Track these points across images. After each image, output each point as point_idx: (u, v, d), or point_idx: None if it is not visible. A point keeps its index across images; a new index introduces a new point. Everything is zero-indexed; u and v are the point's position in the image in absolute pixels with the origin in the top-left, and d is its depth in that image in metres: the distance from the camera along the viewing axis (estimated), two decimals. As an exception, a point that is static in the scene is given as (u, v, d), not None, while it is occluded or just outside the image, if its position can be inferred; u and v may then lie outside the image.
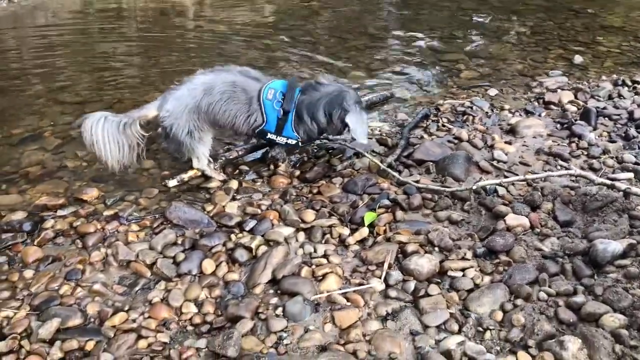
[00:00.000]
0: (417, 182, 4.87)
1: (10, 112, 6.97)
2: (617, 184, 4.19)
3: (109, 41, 10.03)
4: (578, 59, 8.34)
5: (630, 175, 4.78)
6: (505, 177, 4.85)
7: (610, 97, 6.93)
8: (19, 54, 9.61)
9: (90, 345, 3.44)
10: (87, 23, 11.50)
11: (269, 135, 4.94)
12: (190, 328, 3.59)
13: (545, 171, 4.92)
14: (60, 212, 4.89)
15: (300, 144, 5.05)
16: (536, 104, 6.84)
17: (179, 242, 4.40)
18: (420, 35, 9.94)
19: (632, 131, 5.77)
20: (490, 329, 3.34)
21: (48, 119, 6.75)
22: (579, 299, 3.40)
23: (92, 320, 3.68)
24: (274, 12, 12.03)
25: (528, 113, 6.49)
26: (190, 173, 5.37)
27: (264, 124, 4.84)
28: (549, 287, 3.58)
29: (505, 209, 4.34)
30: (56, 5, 12.91)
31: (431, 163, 5.25)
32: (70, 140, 6.25)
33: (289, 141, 4.95)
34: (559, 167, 5.09)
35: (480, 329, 3.36)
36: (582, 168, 4.96)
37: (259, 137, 5.12)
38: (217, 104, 4.77)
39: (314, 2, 12.64)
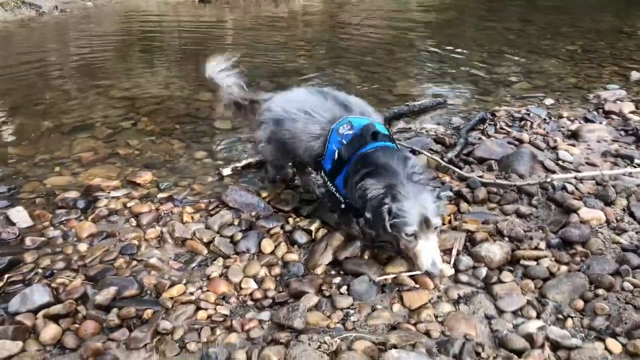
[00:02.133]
0: (481, 177, 4.68)
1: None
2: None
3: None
4: (635, 75, 8.11)
5: None
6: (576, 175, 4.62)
7: (672, 110, 6.68)
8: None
9: (148, 314, 3.32)
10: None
11: (323, 174, 3.90)
12: (250, 302, 3.45)
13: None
14: (113, 193, 4.84)
15: (346, 208, 3.82)
16: (595, 113, 6.62)
17: (236, 223, 4.29)
18: (466, 50, 9.84)
19: None
20: (572, 317, 3.13)
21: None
22: (668, 290, 3.17)
23: (148, 292, 3.57)
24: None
25: (588, 121, 6.27)
26: (244, 162, 5.29)
27: (322, 157, 3.83)
28: (634, 278, 3.34)
29: (577, 203, 4.14)
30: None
31: (493, 161, 5.09)
32: (120, 131, 6.26)
33: (337, 195, 3.82)
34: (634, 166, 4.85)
35: (561, 316, 3.15)
36: (654, 170, 4.71)
37: (318, 170, 4.04)
38: (289, 122, 4.05)
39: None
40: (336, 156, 3.68)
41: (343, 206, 3.79)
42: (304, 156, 4.04)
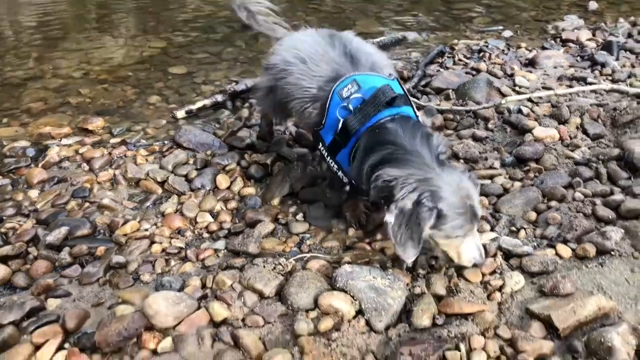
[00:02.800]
0: (438, 105, 4.66)
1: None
2: (653, 90, 3.98)
3: None
4: (593, 5, 8.11)
5: (661, 91, 4.57)
6: (530, 98, 4.62)
7: (630, 35, 6.71)
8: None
9: (101, 251, 3.26)
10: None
11: (321, 147, 3.08)
12: (206, 235, 3.41)
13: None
14: (65, 141, 4.70)
15: (352, 190, 3.19)
16: (553, 42, 6.62)
17: (191, 162, 4.21)
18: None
19: (657, 60, 5.56)
20: (525, 228, 3.16)
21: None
22: (618, 197, 3.21)
23: (101, 231, 3.50)
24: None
25: (546, 50, 6.26)
26: (199, 104, 5.17)
27: (321, 126, 3.05)
28: (585, 188, 3.38)
29: (532, 123, 4.16)
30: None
31: (450, 90, 5.06)
32: (72, 81, 6.06)
33: (339, 172, 3.06)
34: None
35: (514, 228, 3.18)
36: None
37: (314, 139, 3.21)
38: (285, 73, 3.35)
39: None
40: (339, 127, 2.89)
41: (348, 188, 3.11)
42: (301, 122, 3.44)
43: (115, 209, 3.70)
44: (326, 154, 3.03)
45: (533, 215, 3.24)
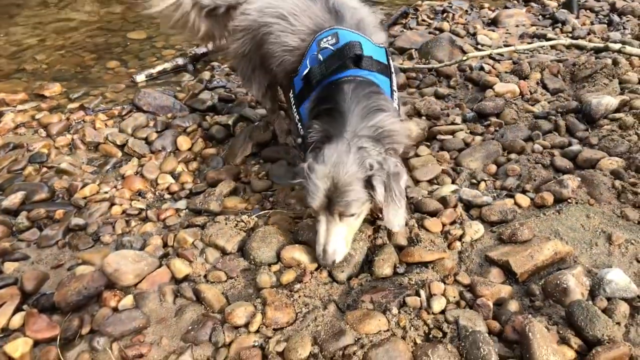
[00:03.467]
0: (401, 64, 4.64)
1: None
2: (610, 44, 4.03)
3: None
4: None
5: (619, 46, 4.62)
6: (492, 55, 4.64)
7: (589, -5, 6.76)
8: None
9: (59, 214, 3.19)
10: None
11: (291, 94, 2.94)
12: (167, 196, 3.37)
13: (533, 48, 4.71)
14: (20, 107, 4.56)
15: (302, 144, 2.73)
16: (516, 1, 6.62)
17: (151, 124, 4.13)
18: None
19: (616, 18, 5.62)
20: (485, 180, 3.19)
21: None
22: (575, 147, 3.27)
23: (60, 195, 3.43)
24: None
25: (508, 9, 6.28)
26: (159, 68, 5.06)
27: (295, 73, 2.92)
28: (544, 140, 3.42)
29: (493, 79, 4.18)
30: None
31: (413, 50, 5.04)
32: (26, 47, 5.85)
33: (299, 124, 2.85)
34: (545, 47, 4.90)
35: (474, 180, 3.21)
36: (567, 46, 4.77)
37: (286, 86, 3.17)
38: (263, 30, 3.15)
39: None
40: (303, 75, 2.80)
41: (300, 141, 2.77)
42: (279, 75, 3.15)
43: (74, 173, 3.62)
44: (292, 103, 2.91)
45: (493, 168, 3.28)
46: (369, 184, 2.34)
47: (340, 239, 2.42)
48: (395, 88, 2.82)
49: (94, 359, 2.24)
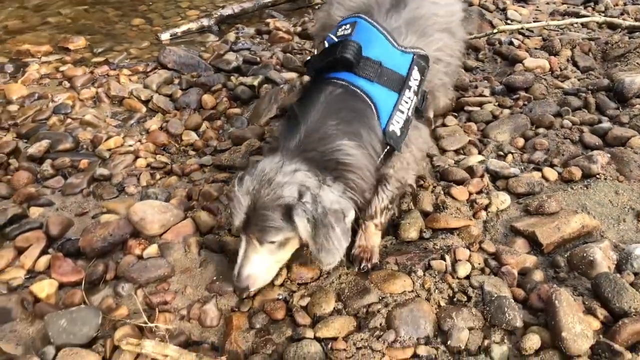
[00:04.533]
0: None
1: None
2: (645, 23, 3.94)
3: None
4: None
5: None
6: (521, 30, 4.56)
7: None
8: None
9: (84, 164, 3.21)
10: None
11: None
12: (192, 152, 3.36)
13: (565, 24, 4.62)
14: (44, 59, 4.56)
15: None
16: (547, -21, 6.47)
17: (176, 82, 4.11)
18: None
19: (650, -1, 5.49)
20: (512, 153, 3.15)
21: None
22: (605, 125, 3.22)
23: (84, 146, 3.43)
24: None
25: (539, -13, 6.14)
26: (184, 27, 5.02)
27: None
28: (573, 117, 3.37)
29: (522, 53, 4.11)
30: None
31: (441, 21, 4.94)
32: (51, 1, 5.82)
33: None
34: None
35: (501, 153, 3.17)
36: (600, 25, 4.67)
37: None
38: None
39: None
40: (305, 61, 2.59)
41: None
42: None
43: (98, 126, 3.62)
44: None
45: (521, 141, 3.24)
46: (289, 213, 1.95)
47: (258, 265, 2.08)
48: (403, 108, 2.24)
49: (118, 303, 2.26)
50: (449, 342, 2.02)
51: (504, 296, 2.13)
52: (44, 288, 2.30)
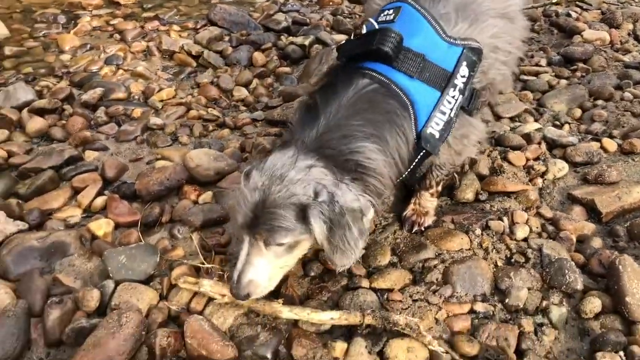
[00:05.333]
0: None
1: None
2: None
3: None
4: None
5: None
6: (579, 3, 4.43)
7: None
8: None
9: (137, 112, 3.23)
10: None
11: None
12: (243, 108, 3.35)
13: None
14: (95, 12, 4.58)
15: None
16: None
17: (226, 39, 4.09)
18: None
19: None
20: (569, 123, 3.08)
21: None
22: (669, 99, 3.12)
23: (135, 97, 3.45)
24: None
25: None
26: (234, -13, 4.99)
27: None
28: (634, 89, 3.27)
29: (581, 25, 4.00)
30: None
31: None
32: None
33: None
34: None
35: (558, 122, 3.10)
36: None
37: None
38: None
39: None
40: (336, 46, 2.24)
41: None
42: None
43: (150, 78, 3.65)
44: None
45: (578, 112, 3.16)
46: (303, 213, 1.72)
47: (261, 270, 1.83)
48: (445, 108, 1.94)
49: (174, 245, 2.28)
50: (506, 301, 2.00)
51: (565, 258, 2.09)
52: (101, 226, 2.33)
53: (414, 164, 1.99)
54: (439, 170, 2.25)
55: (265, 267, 1.83)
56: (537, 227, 2.33)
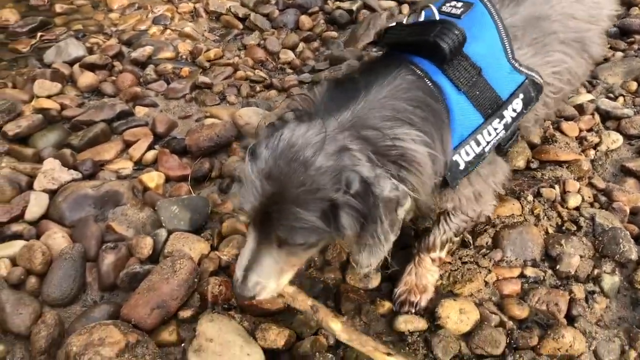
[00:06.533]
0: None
1: None
2: None
3: None
4: None
5: None
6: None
7: None
8: None
9: (185, 71, 3.25)
10: None
11: None
12: (289, 70, 3.35)
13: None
14: (143, -28, 4.57)
15: None
16: None
17: (272, 2, 4.06)
18: None
19: None
20: (624, 95, 2.99)
21: None
22: None
23: (183, 57, 3.47)
24: None
25: None
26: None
27: None
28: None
29: (640, -3, 3.85)
30: None
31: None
32: None
33: None
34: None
35: (611, 95, 3.01)
36: None
37: None
38: None
39: None
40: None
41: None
42: None
43: (197, 39, 3.66)
44: None
45: (634, 85, 3.06)
46: (332, 211, 1.37)
47: (270, 270, 1.53)
48: (482, 139, 1.61)
49: (223, 200, 2.31)
50: (557, 267, 1.98)
51: (619, 227, 2.06)
52: (153, 178, 2.38)
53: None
54: (448, 221, 1.84)
55: (275, 267, 1.53)
56: (589, 197, 2.29)
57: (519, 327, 1.81)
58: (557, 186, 2.29)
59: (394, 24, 1.72)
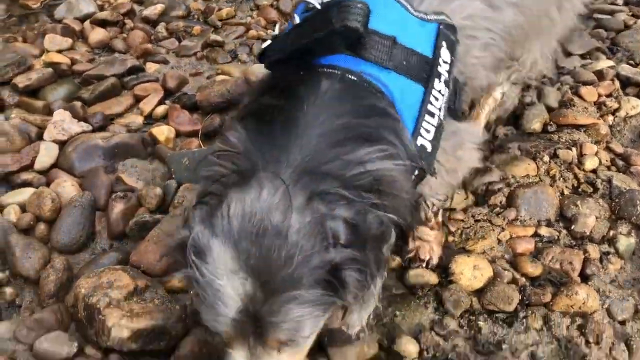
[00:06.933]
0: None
1: None
2: None
3: None
4: None
5: None
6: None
7: None
8: None
9: (197, 30, 3.21)
10: None
11: None
12: (302, 31, 3.29)
13: None
14: None
15: None
16: None
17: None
18: None
19: None
20: (645, 61, 2.92)
21: None
22: None
23: (195, 16, 3.42)
24: None
25: None
26: None
27: None
28: None
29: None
30: None
31: None
32: None
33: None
34: None
35: (632, 62, 2.94)
36: None
37: None
38: None
39: None
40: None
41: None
42: None
43: (211, -1, 3.60)
44: None
45: (656, 52, 3.00)
46: (334, 276, 1.10)
47: None
48: (434, 108, 1.38)
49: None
50: (572, 227, 1.95)
51: (637, 190, 2.03)
52: (164, 132, 2.35)
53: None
54: (432, 198, 1.67)
55: None
56: (606, 161, 2.25)
57: (531, 284, 1.79)
58: (574, 148, 2.25)
59: (269, 41, 1.46)
